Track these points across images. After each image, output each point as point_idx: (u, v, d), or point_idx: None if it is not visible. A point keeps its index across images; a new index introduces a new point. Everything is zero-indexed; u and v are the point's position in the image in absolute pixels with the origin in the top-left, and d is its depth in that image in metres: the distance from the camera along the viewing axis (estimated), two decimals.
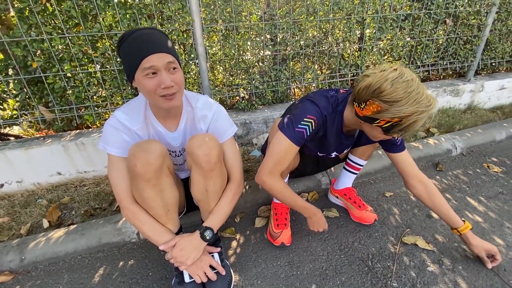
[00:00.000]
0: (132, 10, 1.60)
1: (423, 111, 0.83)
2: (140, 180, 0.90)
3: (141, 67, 0.84)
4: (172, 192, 1.01)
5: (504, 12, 2.48)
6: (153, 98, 0.89)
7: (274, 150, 1.06)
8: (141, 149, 0.89)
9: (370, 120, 0.92)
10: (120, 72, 1.75)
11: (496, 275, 1.09)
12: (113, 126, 0.97)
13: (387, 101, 0.84)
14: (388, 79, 0.84)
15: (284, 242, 1.24)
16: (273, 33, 1.92)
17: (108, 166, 1.00)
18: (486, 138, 2.11)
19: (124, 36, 0.87)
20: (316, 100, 1.05)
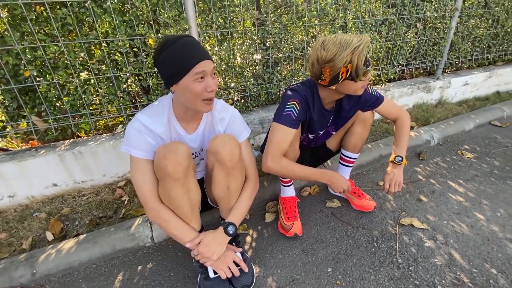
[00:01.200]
0: (129, 17, 1.62)
1: (358, 46, 0.98)
2: (169, 180, 0.94)
3: (193, 71, 0.89)
4: (197, 191, 1.06)
5: (465, 16, 2.79)
6: (195, 101, 0.95)
7: (270, 138, 1.19)
8: (170, 150, 0.93)
9: (334, 80, 1.07)
10: (116, 79, 1.74)
11: (482, 245, 1.26)
12: (137, 129, 0.99)
13: (330, 59, 1.01)
14: (317, 48, 1.04)
15: (297, 232, 1.32)
16: (265, 38, 2.01)
17: (132, 169, 1.02)
18: (458, 129, 2.36)
19: (167, 42, 0.91)
20: (294, 87, 1.23)
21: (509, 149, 2.09)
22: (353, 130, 1.42)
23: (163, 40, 0.92)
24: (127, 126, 1.02)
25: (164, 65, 0.92)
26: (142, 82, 1.79)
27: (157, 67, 0.97)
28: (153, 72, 1.79)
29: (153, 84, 1.80)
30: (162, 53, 0.91)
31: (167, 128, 1.05)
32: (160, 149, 0.96)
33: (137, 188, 1.02)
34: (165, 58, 0.91)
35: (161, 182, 0.98)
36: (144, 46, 1.70)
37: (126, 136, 1.01)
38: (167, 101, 1.06)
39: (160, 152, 0.95)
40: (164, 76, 0.95)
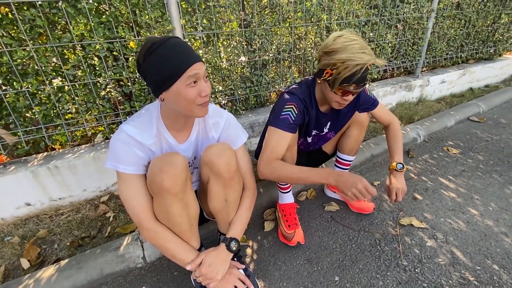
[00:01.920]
0: (107, 18, 1.49)
1: (355, 60, 0.92)
2: (166, 195, 0.85)
3: (185, 75, 0.81)
4: (195, 205, 0.98)
5: (440, 17, 2.90)
6: (190, 107, 0.86)
7: (265, 143, 1.13)
8: (167, 162, 0.84)
9: (319, 73, 1.05)
10: (95, 85, 1.60)
11: (481, 240, 1.28)
12: (124, 142, 0.89)
13: (329, 51, 0.98)
14: (333, 36, 1.00)
15: (300, 241, 1.27)
16: (252, 39, 1.95)
17: (121, 186, 0.92)
18: (440, 125, 2.44)
19: (153, 45, 0.82)
20: (291, 90, 1.18)
21: (490, 143, 2.18)
22: (349, 133, 1.40)
23: (147, 43, 0.82)
24: (111, 139, 0.91)
25: (151, 71, 0.83)
26: (124, 88, 1.66)
27: (142, 74, 0.87)
28: (135, 77, 1.67)
29: (135, 90, 1.68)
30: (147, 57, 0.82)
31: (157, 139, 0.95)
32: (155, 162, 0.87)
33: (129, 207, 0.91)
34: (151, 63, 0.82)
35: (157, 198, 0.89)
36: (125, 49, 1.58)
37: (111, 151, 0.90)
38: (154, 109, 0.96)
39: (155, 165, 0.86)
40: (152, 83, 0.85)
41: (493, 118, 2.69)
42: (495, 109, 2.93)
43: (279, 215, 1.40)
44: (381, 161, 2.01)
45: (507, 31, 3.66)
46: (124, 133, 0.90)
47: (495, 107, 2.95)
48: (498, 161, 1.91)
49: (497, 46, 3.68)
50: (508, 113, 2.78)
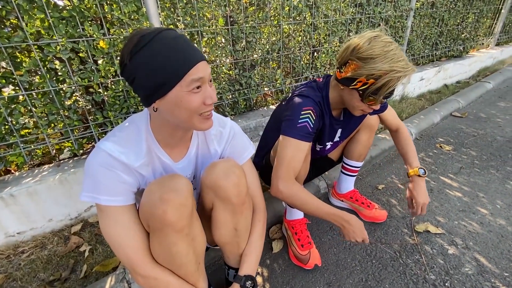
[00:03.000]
0: (70, 13, 1.24)
1: (399, 71, 0.83)
2: (170, 231, 0.66)
3: (187, 79, 0.63)
4: (202, 238, 0.79)
5: (417, 16, 2.95)
6: (191, 119, 0.68)
7: (281, 156, 0.97)
8: (169, 189, 0.65)
9: (348, 81, 0.92)
10: (57, 94, 1.33)
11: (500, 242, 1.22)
12: (105, 164, 0.68)
13: (364, 57, 0.85)
14: (366, 37, 0.87)
15: (317, 263, 1.12)
16: (240, 38, 1.79)
17: (105, 223, 0.70)
18: (428, 122, 2.45)
19: (143, 39, 0.62)
20: (304, 92, 1.03)
21: (478, 138, 2.21)
22: (359, 138, 1.29)
23: (134, 36, 0.63)
24: (87, 162, 0.69)
25: (141, 73, 0.63)
26: (94, 96, 1.41)
27: (127, 77, 0.67)
28: (107, 82, 1.42)
29: (108, 98, 1.44)
30: (135, 55, 0.62)
31: (148, 159, 0.75)
32: (152, 188, 0.67)
33: (118, 249, 0.70)
34: (141, 62, 0.63)
35: (156, 235, 0.69)
36: (94, 50, 1.33)
37: (88, 178, 0.69)
38: (142, 121, 0.75)
39: (153, 193, 0.66)
40: (141, 88, 0.66)
41: (473, 112, 2.77)
42: (472, 104, 3.03)
43: (289, 234, 1.24)
44: (379, 163, 1.94)
45: (474, 30, 3.86)
46: (105, 153, 0.69)
47: (472, 102, 3.06)
48: (491, 156, 1.92)
49: (466, 44, 3.87)
50: (484, 107, 2.89)
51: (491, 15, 4.07)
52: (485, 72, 4.08)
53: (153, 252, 0.73)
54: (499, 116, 2.62)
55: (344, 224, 0.97)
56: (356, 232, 0.96)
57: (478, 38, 4.10)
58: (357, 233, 0.97)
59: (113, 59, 1.39)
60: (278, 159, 0.98)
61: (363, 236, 0.98)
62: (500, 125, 2.42)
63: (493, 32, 4.37)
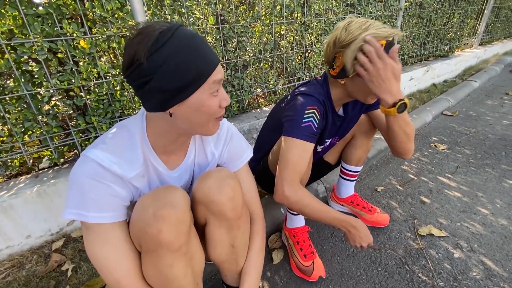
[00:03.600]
0: (46, 10, 1.13)
1: (382, 34, 0.80)
2: (166, 251, 0.58)
3: (211, 80, 0.59)
4: (201, 255, 0.71)
5: (406, 15, 2.96)
6: (206, 123, 0.64)
7: (285, 158, 0.90)
8: (164, 203, 0.57)
9: (345, 72, 0.88)
10: (34, 98, 1.22)
11: (504, 243, 1.19)
12: (95, 175, 0.59)
13: (347, 43, 0.82)
14: (340, 27, 0.84)
15: (321, 275, 1.06)
16: (231, 37, 1.71)
17: (91, 242, 0.61)
18: (421, 122, 2.45)
19: (163, 34, 0.54)
20: (306, 91, 0.97)
21: (470, 136, 2.22)
22: (357, 143, 1.24)
23: (149, 32, 0.54)
24: (72, 174, 0.60)
25: (162, 74, 0.54)
26: (75, 100, 1.30)
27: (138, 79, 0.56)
28: (90, 85, 1.32)
29: (91, 102, 1.33)
30: (155, 53, 0.53)
31: (144, 169, 0.66)
32: (144, 203, 0.59)
33: (106, 272, 0.61)
34: (164, 61, 0.54)
35: (150, 256, 0.61)
36: (74, 50, 1.23)
37: (73, 192, 0.59)
38: (136, 127, 0.66)
39: (145, 208, 0.58)
40: (160, 91, 0.56)
41: (463, 111, 2.80)
42: (461, 102, 3.07)
43: (290, 243, 1.17)
44: (376, 164, 1.90)
45: (459, 30, 3.93)
46: (93, 163, 0.59)
47: (461, 101, 3.10)
48: (485, 154, 1.93)
49: (451, 43, 3.94)
50: (473, 106, 2.93)
51: (475, 16, 4.17)
52: (470, 71, 4.17)
53: (145, 275, 0.64)
54: (488, 114, 2.66)
55: (351, 229, 0.93)
56: (362, 237, 0.92)
57: (463, 38, 4.19)
58: (363, 238, 0.92)
59: (95, 60, 1.28)
60: (282, 162, 0.91)
61: (369, 240, 0.93)
62: (490, 123, 2.45)
63: (477, 32, 4.48)
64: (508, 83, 3.69)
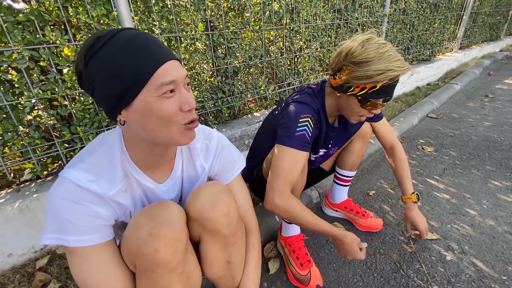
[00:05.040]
0: (27, 16, 1.08)
1: (395, 70, 0.80)
2: (163, 271, 0.56)
3: (155, 82, 0.52)
4: (198, 273, 0.69)
5: (391, 21, 3.04)
6: (168, 130, 0.57)
7: (277, 166, 0.90)
8: (160, 221, 0.55)
9: (344, 88, 0.88)
10: (14, 108, 1.16)
11: (493, 244, 1.22)
12: (72, 197, 0.55)
13: (359, 61, 0.81)
14: (358, 41, 0.83)
15: (318, 283, 1.05)
16: (221, 44, 1.70)
17: (77, 267, 0.58)
18: (408, 125, 2.51)
19: (97, 41, 0.51)
20: (301, 99, 0.97)
21: (455, 138, 2.29)
22: (352, 148, 1.25)
23: (90, 39, 0.53)
24: (50, 197, 0.56)
25: (99, 80, 0.53)
26: (59, 110, 1.24)
27: (86, 87, 0.56)
28: (75, 94, 1.27)
29: (77, 111, 1.28)
30: (91, 60, 0.52)
31: (125, 184, 0.63)
32: (138, 221, 0.56)
33: None
34: (98, 68, 0.52)
35: (144, 277, 0.58)
36: (57, 58, 1.18)
37: (50, 216, 0.56)
38: (115, 140, 0.63)
39: (139, 227, 0.55)
40: (103, 98, 0.55)
41: (446, 113, 2.89)
42: (444, 105, 3.17)
43: (286, 252, 1.16)
44: (367, 167, 1.93)
45: (440, 35, 4.08)
46: (70, 184, 0.56)
47: (444, 103, 3.20)
48: (470, 156, 1.99)
49: (433, 48, 4.08)
50: (456, 108, 3.03)
51: (454, 21, 4.34)
52: (452, 74, 4.32)
53: None
54: (471, 116, 2.75)
55: (343, 239, 0.93)
56: (350, 252, 0.93)
57: (444, 42, 4.35)
58: (350, 253, 0.93)
59: None
60: (274, 171, 0.90)
61: (355, 256, 0.93)
62: (473, 124, 2.54)
63: (456, 36, 4.66)
64: (487, 85, 3.86)
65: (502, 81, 4.02)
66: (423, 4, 3.41)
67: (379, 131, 1.21)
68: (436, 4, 3.66)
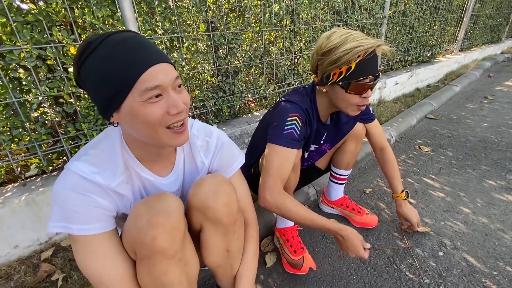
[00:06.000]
0: (35, 17, 1.13)
1: (364, 45, 0.83)
2: (161, 258, 0.59)
3: (139, 87, 0.54)
4: (196, 262, 0.72)
5: (390, 23, 3.08)
6: (156, 133, 0.59)
7: (268, 164, 0.94)
8: (157, 211, 0.58)
9: (325, 80, 0.92)
10: (22, 105, 1.21)
11: (485, 241, 1.26)
12: (77, 188, 0.59)
13: (328, 50, 0.87)
14: (324, 37, 0.90)
15: (311, 266, 1.10)
16: (222, 44, 1.74)
17: (81, 255, 0.62)
18: (406, 125, 2.54)
19: (89, 46, 0.55)
20: (290, 98, 1.01)
21: (452, 139, 2.31)
22: (346, 148, 1.29)
23: (82, 44, 0.56)
24: (55, 188, 0.60)
25: (90, 85, 0.57)
26: (65, 107, 1.29)
27: (82, 88, 0.61)
28: (80, 92, 1.31)
29: (82, 108, 1.32)
30: (82, 65, 0.56)
31: (125, 176, 0.67)
32: (138, 211, 0.60)
33: (98, 282, 0.61)
34: (88, 73, 0.56)
35: (144, 264, 0.62)
36: (64, 57, 1.22)
37: (56, 205, 0.60)
38: (116, 136, 0.67)
39: (139, 216, 0.59)
40: (97, 101, 0.59)
41: (445, 114, 2.91)
42: (443, 106, 3.20)
43: (281, 242, 1.19)
44: (364, 166, 1.96)
45: (440, 37, 4.11)
46: (75, 176, 0.60)
47: (443, 104, 3.23)
48: (466, 156, 2.02)
49: (433, 50, 4.11)
50: (455, 109, 3.06)
51: (454, 23, 4.37)
52: (452, 76, 4.34)
53: (140, 282, 0.65)
54: (469, 117, 2.78)
55: (339, 238, 0.96)
56: (350, 247, 0.94)
57: (444, 44, 4.37)
58: (351, 249, 0.94)
59: None
60: (265, 169, 0.94)
61: (357, 252, 0.93)
62: (470, 125, 2.57)
63: (457, 38, 4.69)
64: (487, 87, 3.88)
65: (502, 83, 4.04)
66: (423, 6, 3.44)
67: (370, 132, 1.25)
68: (436, 6, 3.69)
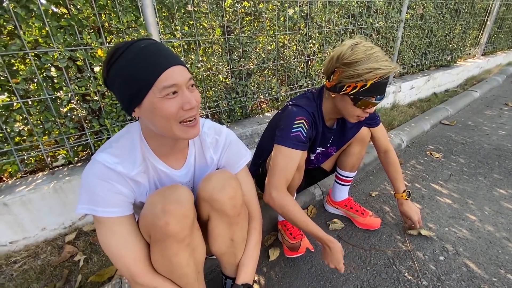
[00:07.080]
0: (68, 22, 1.25)
1: (383, 69, 0.87)
2: (172, 241, 0.68)
3: (159, 85, 0.63)
4: (202, 248, 0.80)
5: (407, 27, 3.05)
6: (171, 126, 0.68)
7: (275, 164, 1.01)
8: (170, 200, 0.67)
9: (337, 88, 0.96)
10: (54, 101, 1.33)
11: (488, 248, 1.26)
12: (102, 176, 0.69)
13: (349, 62, 0.90)
14: (347, 45, 0.92)
15: (309, 247, 1.18)
16: (236, 47, 1.82)
17: (103, 234, 0.71)
18: (419, 130, 2.52)
19: (117, 51, 0.65)
20: (298, 102, 1.07)
21: (466, 145, 2.28)
22: (351, 151, 1.33)
23: (111, 50, 0.66)
24: (84, 174, 0.71)
25: (117, 84, 0.67)
26: (91, 104, 1.41)
27: (110, 88, 0.71)
28: (105, 90, 1.43)
29: (105, 106, 1.44)
30: (111, 67, 0.66)
31: (143, 167, 0.77)
32: (153, 200, 0.68)
33: (116, 258, 0.71)
34: (116, 74, 0.66)
35: (157, 246, 0.70)
36: (91, 58, 1.34)
37: (84, 190, 0.70)
38: (136, 130, 0.77)
39: (154, 204, 0.67)
40: (120, 98, 0.69)
41: (461, 121, 2.86)
42: (460, 112, 3.13)
43: (282, 233, 1.27)
44: (373, 170, 1.98)
45: (461, 40, 4.00)
46: (101, 165, 0.70)
47: (460, 110, 3.16)
48: (479, 163, 1.99)
49: (453, 54, 4.01)
50: (472, 116, 2.99)
51: (477, 27, 4.23)
52: (472, 81, 4.22)
53: (153, 263, 0.73)
54: (486, 125, 2.72)
55: (325, 248, 1.04)
56: (332, 260, 1.02)
57: (465, 48, 4.25)
58: (333, 261, 1.02)
59: None
60: (271, 168, 1.01)
61: (337, 265, 1.01)
62: (487, 133, 2.51)
63: (479, 42, 4.54)
64: (509, 93, 3.74)
65: None
66: (443, 10, 3.37)
67: (375, 135, 1.29)
68: (457, 9, 3.60)
